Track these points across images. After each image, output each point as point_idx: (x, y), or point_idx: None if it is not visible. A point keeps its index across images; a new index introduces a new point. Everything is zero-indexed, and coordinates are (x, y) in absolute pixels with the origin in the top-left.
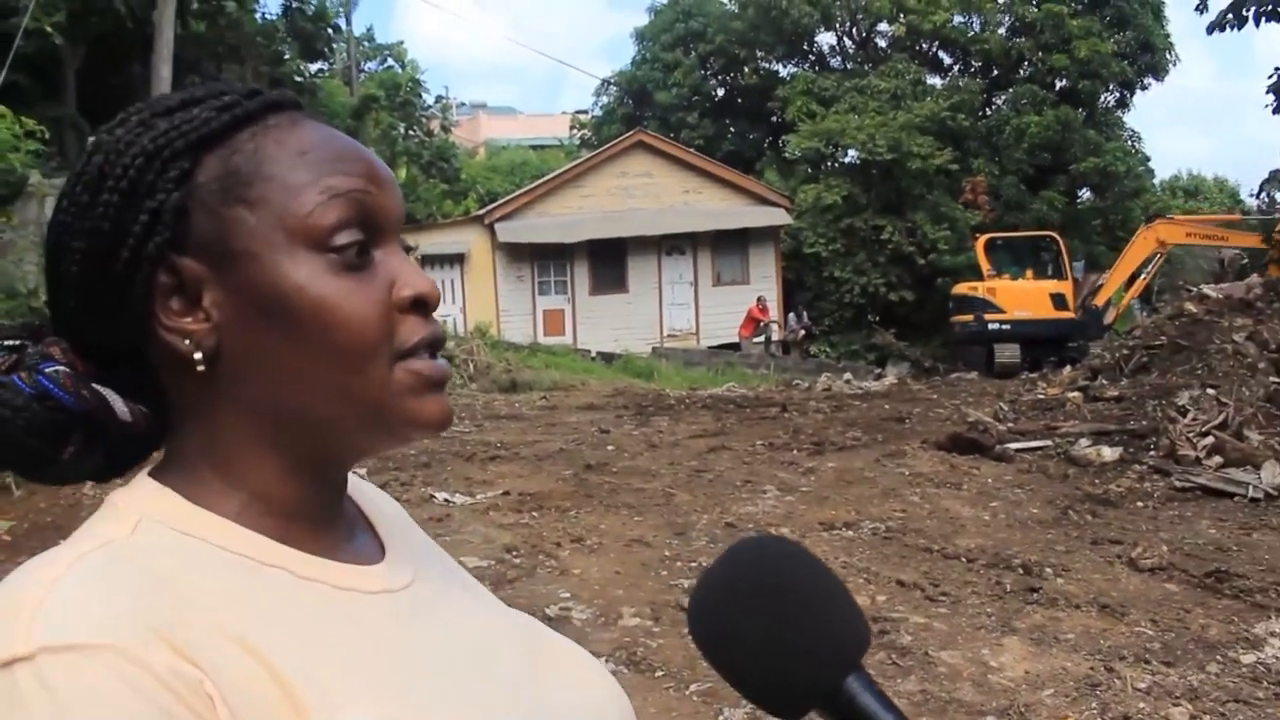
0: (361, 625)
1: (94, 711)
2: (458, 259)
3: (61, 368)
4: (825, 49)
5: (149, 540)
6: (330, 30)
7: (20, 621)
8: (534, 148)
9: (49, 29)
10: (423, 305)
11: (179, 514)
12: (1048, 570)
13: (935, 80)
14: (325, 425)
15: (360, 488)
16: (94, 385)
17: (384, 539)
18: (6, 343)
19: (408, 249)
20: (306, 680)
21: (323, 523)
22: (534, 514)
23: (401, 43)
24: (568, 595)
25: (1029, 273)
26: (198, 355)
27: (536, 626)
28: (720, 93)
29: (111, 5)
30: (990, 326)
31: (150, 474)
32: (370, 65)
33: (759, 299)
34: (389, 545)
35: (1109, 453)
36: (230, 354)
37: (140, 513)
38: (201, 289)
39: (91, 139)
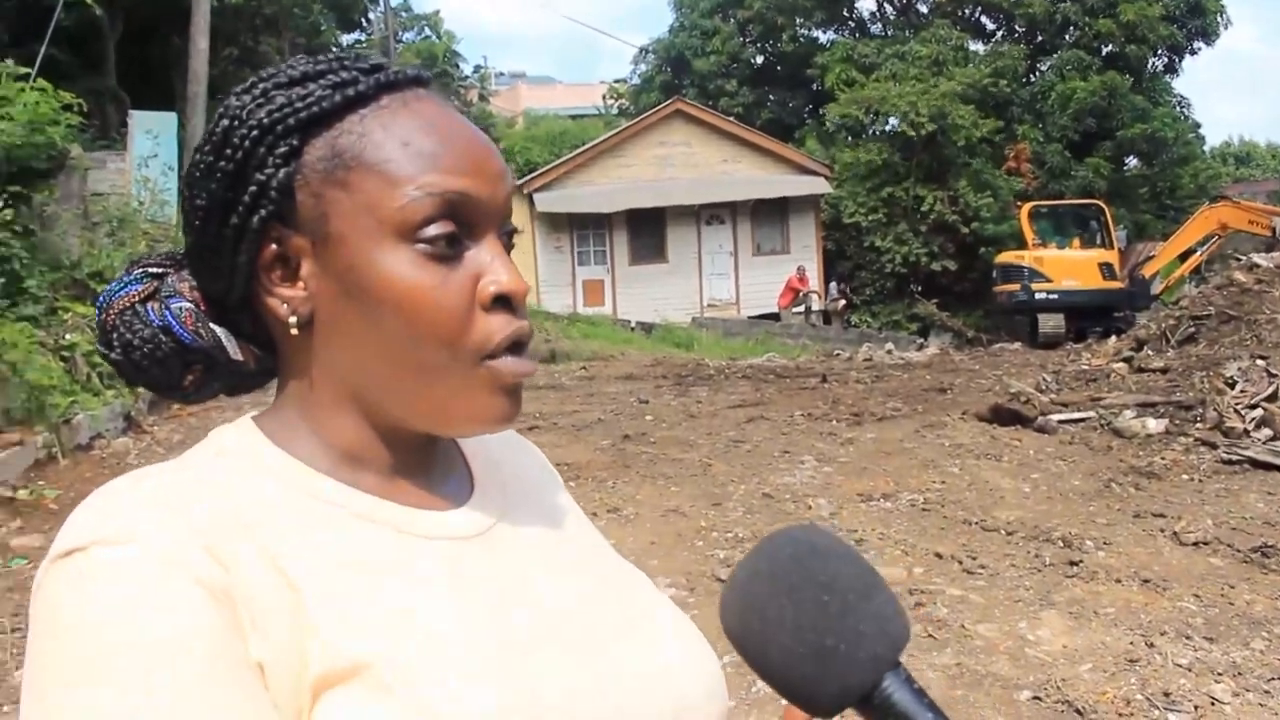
0: (410, 567)
1: (134, 589)
2: None
3: (186, 304)
4: (865, 15)
5: (221, 470)
6: (366, 1)
7: (84, 523)
8: (573, 117)
9: (88, 1)
10: (507, 302)
11: (258, 452)
12: (1088, 543)
13: (978, 46)
14: (395, 404)
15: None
16: (211, 325)
17: (476, 485)
18: (151, 270)
19: (510, 233)
20: (324, 605)
21: (403, 471)
22: (571, 484)
23: (438, 12)
24: None
25: (1076, 241)
26: (292, 320)
27: (640, 593)
28: (759, 60)
29: None
30: (1038, 296)
31: (254, 416)
32: (408, 35)
33: (798, 269)
34: (478, 492)
35: (1154, 424)
36: (321, 323)
37: (224, 447)
38: (301, 260)
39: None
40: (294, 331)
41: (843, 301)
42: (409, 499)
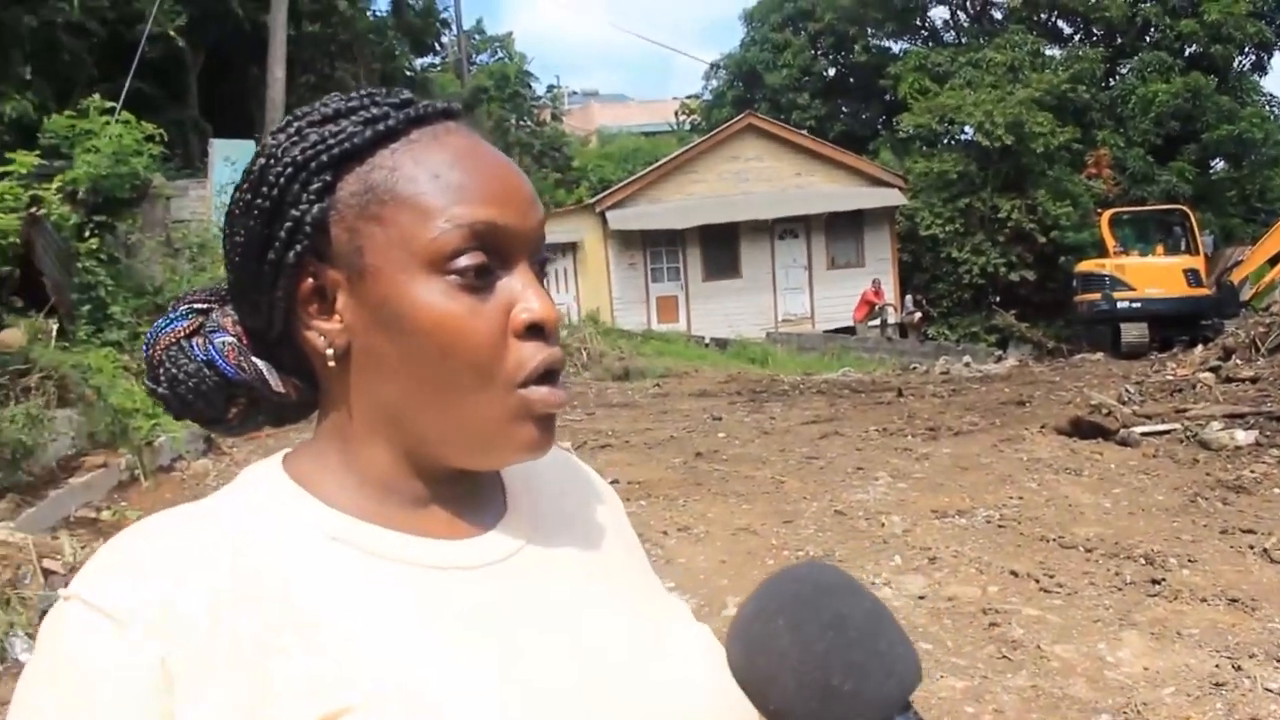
0: (413, 601)
1: (85, 650)
2: (570, 248)
3: (229, 339)
4: (938, 23)
5: (236, 514)
6: (439, 25)
7: (86, 572)
8: (646, 134)
9: (172, 33)
10: (540, 330)
11: (276, 493)
12: (1172, 561)
13: (1054, 51)
14: (429, 434)
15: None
16: (253, 359)
17: (508, 510)
18: (196, 306)
19: (543, 261)
20: (322, 645)
21: (435, 500)
22: (642, 502)
23: (510, 34)
24: (672, 585)
25: (1159, 248)
26: (329, 352)
27: (671, 620)
28: (831, 72)
29: (229, 9)
30: (1120, 305)
31: (288, 452)
32: (482, 57)
33: (874, 282)
34: (507, 517)
35: (1243, 436)
36: (357, 354)
37: (246, 490)
38: (337, 294)
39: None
40: (331, 364)
41: (919, 314)
42: (438, 528)
